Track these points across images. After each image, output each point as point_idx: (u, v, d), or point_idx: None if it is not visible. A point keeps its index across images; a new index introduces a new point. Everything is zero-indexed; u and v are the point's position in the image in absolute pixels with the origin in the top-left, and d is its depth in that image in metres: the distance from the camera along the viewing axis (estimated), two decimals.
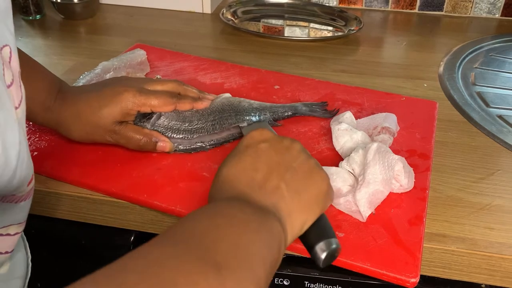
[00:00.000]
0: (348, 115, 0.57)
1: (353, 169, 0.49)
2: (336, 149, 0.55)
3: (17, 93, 0.35)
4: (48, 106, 0.52)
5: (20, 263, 0.44)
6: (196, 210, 0.33)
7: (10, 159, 0.32)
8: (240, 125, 0.58)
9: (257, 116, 0.59)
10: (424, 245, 0.45)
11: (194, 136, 0.55)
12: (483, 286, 0.48)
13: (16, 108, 0.34)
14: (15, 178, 0.34)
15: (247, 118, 0.58)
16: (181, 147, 0.55)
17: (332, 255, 0.36)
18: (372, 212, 0.46)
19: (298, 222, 0.36)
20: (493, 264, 0.45)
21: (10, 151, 0.32)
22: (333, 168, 0.49)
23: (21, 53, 0.51)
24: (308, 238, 0.37)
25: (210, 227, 0.30)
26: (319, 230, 0.37)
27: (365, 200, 0.45)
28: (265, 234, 0.32)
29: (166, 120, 0.55)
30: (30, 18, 0.96)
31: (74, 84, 0.67)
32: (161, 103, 0.54)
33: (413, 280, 0.41)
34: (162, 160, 0.54)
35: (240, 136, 0.57)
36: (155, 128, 0.55)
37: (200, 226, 0.30)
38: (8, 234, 0.38)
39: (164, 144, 0.54)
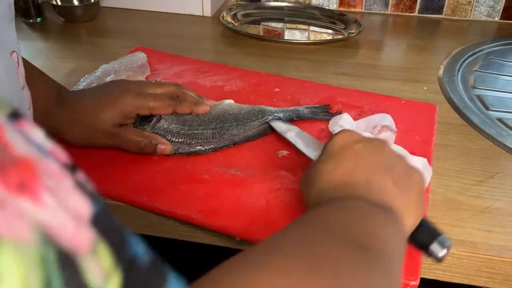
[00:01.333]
0: (346, 117, 0.58)
1: None
2: None
3: (28, 96, 0.36)
4: (47, 112, 0.52)
5: None
6: (318, 208, 0.34)
7: None
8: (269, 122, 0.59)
9: (260, 121, 0.59)
10: None
11: (193, 142, 0.55)
12: None
13: (29, 109, 0.36)
14: None
15: (248, 125, 0.58)
16: (180, 150, 0.55)
17: (448, 250, 0.38)
18: None
19: (412, 220, 0.37)
20: (493, 267, 0.45)
21: None
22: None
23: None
24: (421, 237, 0.38)
25: (346, 217, 0.31)
26: (429, 228, 0.39)
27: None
28: (394, 229, 0.33)
29: (166, 123, 0.55)
30: (31, 21, 0.96)
31: (74, 87, 0.67)
32: (160, 105, 0.54)
33: (413, 283, 0.41)
34: (162, 163, 0.54)
35: (241, 141, 0.57)
36: (155, 131, 0.55)
37: (338, 217, 0.31)
38: None
39: (164, 146, 0.54)
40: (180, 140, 0.55)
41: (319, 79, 0.74)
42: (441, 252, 0.37)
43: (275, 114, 0.60)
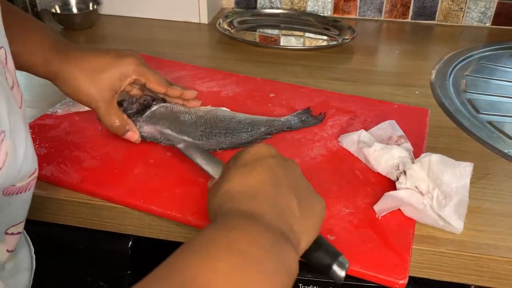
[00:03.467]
0: (364, 134, 0.57)
1: (416, 186, 0.48)
2: (378, 170, 0.53)
3: (18, 93, 0.36)
4: (48, 59, 0.52)
5: (25, 257, 0.45)
6: (205, 234, 0.31)
7: (19, 158, 0.34)
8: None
9: (248, 133, 0.60)
10: (414, 247, 0.46)
11: (180, 137, 0.57)
12: (472, 287, 0.49)
13: (20, 107, 0.36)
14: (20, 173, 0.35)
15: (236, 136, 0.59)
16: (165, 141, 0.57)
17: (346, 271, 0.38)
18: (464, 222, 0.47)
19: (306, 243, 0.37)
20: (481, 265, 0.46)
21: (19, 150, 0.34)
22: (402, 192, 0.48)
23: (16, 9, 0.52)
24: (319, 259, 0.38)
25: (221, 270, 0.28)
26: (327, 250, 0.39)
27: (454, 213, 0.46)
28: (281, 272, 0.31)
29: (159, 115, 0.58)
30: None
31: None
32: (158, 80, 0.56)
33: (401, 282, 0.42)
34: (159, 166, 0.55)
35: (228, 147, 0.58)
36: (146, 120, 0.57)
37: (209, 268, 0.28)
38: (12, 233, 0.39)
39: (132, 134, 0.56)
40: (169, 132, 0.57)
41: (314, 84, 0.76)
42: (342, 273, 0.38)
43: (262, 130, 0.61)
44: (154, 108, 0.59)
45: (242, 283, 0.28)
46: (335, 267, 0.38)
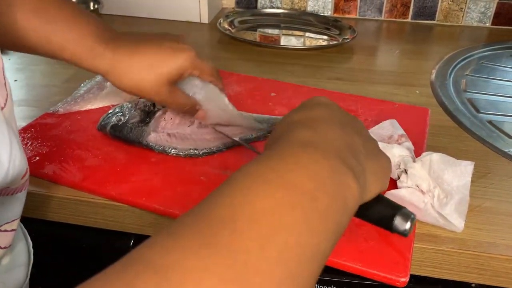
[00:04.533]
0: None
1: (417, 185, 0.48)
2: None
3: (2, 92, 0.34)
4: (97, 53, 0.48)
5: (22, 252, 0.45)
6: (248, 167, 0.27)
7: (2, 161, 0.33)
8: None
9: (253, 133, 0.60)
10: (415, 245, 0.46)
11: (186, 146, 0.57)
12: (473, 285, 0.50)
13: (2, 108, 0.34)
14: (8, 176, 0.34)
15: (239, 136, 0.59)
16: (173, 151, 0.56)
17: (413, 223, 0.37)
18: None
19: (371, 185, 0.33)
20: (482, 263, 0.46)
21: (1, 153, 0.32)
22: (403, 190, 0.48)
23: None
24: (381, 211, 0.37)
25: (268, 209, 0.24)
26: (389, 202, 0.37)
27: (454, 211, 0.46)
28: (337, 209, 0.27)
29: (167, 124, 0.57)
30: None
31: (75, 92, 0.68)
32: (211, 71, 0.54)
33: (403, 279, 0.42)
34: (160, 165, 0.55)
35: (233, 145, 0.58)
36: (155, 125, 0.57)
37: (259, 204, 0.24)
38: (5, 230, 0.39)
39: (202, 113, 0.56)
40: (173, 140, 0.57)
41: (314, 84, 0.76)
42: (406, 225, 0.36)
43: (265, 126, 0.61)
44: (158, 114, 0.58)
45: (289, 224, 0.24)
46: (398, 218, 0.36)
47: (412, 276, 0.43)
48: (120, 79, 0.49)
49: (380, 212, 0.37)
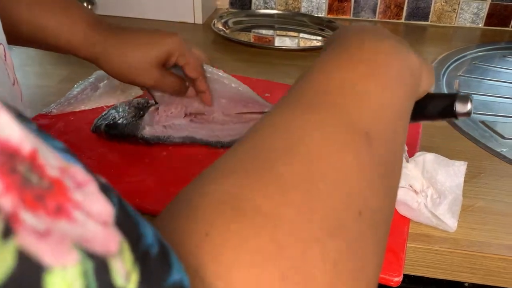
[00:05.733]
0: None
1: (410, 185, 0.49)
2: None
3: (18, 88, 0.35)
4: (89, 40, 0.50)
5: None
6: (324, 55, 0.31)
7: None
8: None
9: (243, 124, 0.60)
10: (408, 245, 0.46)
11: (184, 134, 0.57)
12: (466, 284, 0.50)
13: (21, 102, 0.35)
14: None
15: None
16: (167, 140, 0.57)
17: (472, 102, 0.39)
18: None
19: (425, 79, 0.36)
20: (474, 262, 0.46)
21: None
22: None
23: None
24: (439, 102, 0.39)
25: (350, 81, 0.28)
26: (442, 94, 0.41)
27: (448, 211, 0.47)
28: (407, 75, 0.32)
29: (162, 117, 0.58)
30: None
31: (68, 93, 0.68)
32: (196, 64, 0.55)
33: (396, 279, 0.42)
34: (154, 165, 0.55)
35: (230, 144, 0.58)
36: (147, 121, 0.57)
37: (340, 79, 0.28)
38: None
39: (192, 90, 0.57)
40: (169, 131, 0.57)
41: None
42: (467, 106, 0.38)
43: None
44: (152, 108, 0.59)
45: (371, 89, 0.28)
46: (458, 103, 0.38)
47: (405, 276, 0.43)
48: (112, 65, 0.51)
49: (438, 105, 0.39)
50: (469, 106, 0.39)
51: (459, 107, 0.38)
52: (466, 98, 0.39)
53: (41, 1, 0.48)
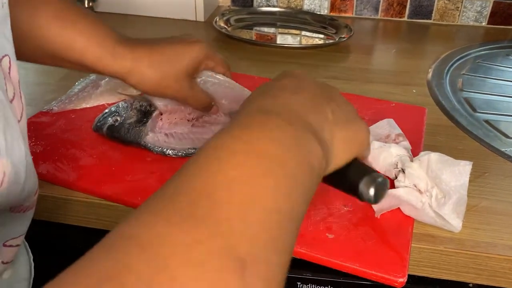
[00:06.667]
0: None
1: (415, 184, 0.48)
2: (376, 168, 0.53)
3: (18, 105, 0.34)
4: (118, 55, 0.50)
5: (23, 266, 0.45)
6: (214, 140, 0.27)
7: (20, 174, 0.32)
8: None
9: None
10: (413, 245, 0.46)
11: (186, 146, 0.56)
12: (470, 285, 0.49)
13: (19, 121, 0.34)
14: (24, 190, 0.34)
15: None
16: (171, 152, 0.55)
17: (380, 189, 0.34)
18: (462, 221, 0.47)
19: (340, 152, 0.33)
20: (479, 263, 0.46)
21: (19, 166, 0.32)
22: (401, 190, 0.47)
23: (76, 5, 0.51)
24: (349, 177, 0.35)
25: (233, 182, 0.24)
26: (359, 167, 0.35)
27: (452, 211, 0.46)
28: (305, 171, 0.27)
29: (165, 124, 0.57)
30: None
31: (69, 91, 0.68)
32: (224, 63, 0.56)
33: (401, 280, 0.42)
34: (156, 164, 0.55)
35: None
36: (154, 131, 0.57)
37: (221, 178, 0.24)
38: (11, 246, 0.38)
39: (216, 109, 0.58)
40: (171, 140, 0.56)
41: None
42: (370, 191, 0.33)
43: None
44: (155, 114, 0.57)
45: (264, 190, 0.24)
46: (362, 184, 0.34)
47: (410, 276, 0.43)
48: (143, 79, 0.50)
49: (348, 179, 0.35)
50: (371, 191, 0.34)
51: (363, 189, 0.34)
52: (372, 181, 0.34)
53: (69, 15, 0.48)
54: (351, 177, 0.35)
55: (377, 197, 0.35)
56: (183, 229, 0.21)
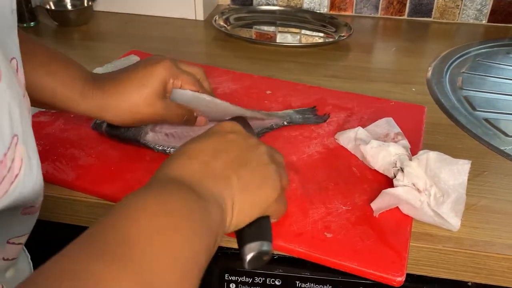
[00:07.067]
0: (361, 131, 0.56)
1: (413, 183, 0.48)
2: (375, 167, 0.53)
3: (27, 101, 0.35)
4: (87, 94, 0.51)
5: (24, 264, 0.45)
6: (135, 199, 0.32)
7: (33, 166, 0.33)
8: None
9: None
10: (411, 244, 0.46)
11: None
12: (469, 284, 0.49)
13: (28, 116, 0.35)
14: (36, 185, 0.35)
15: None
16: (172, 151, 0.56)
17: (259, 257, 0.36)
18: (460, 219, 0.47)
19: (241, 215, 0.37)
20: (478, 262, 0.46)
21: (32, 159, 0.33)
22: (399, 189, 0.47)
23: (46, 46, 0.52)
24: (242, 236, 0.37)
25: (147, 232, 0.29)
26: (255, 231, 0.38)
27: (451, 210, 0.46)
28: (207, 234, 0.32)
29: (163, 127, 0.57)
30: (25, 25, 0.97)
31: None
32: (190, 80, 0.55)
33: (399, 279, 0.42)
34: (155, 163, 0.54)
35: None
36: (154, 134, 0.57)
37: (138, 229, 0.29)
38: (13, 243, 0.39)
39: (201, 119, 0.58)
40: (171, 140, 0.56)
41: (310, 81, 0.75)
42: (249, 255, 0.36)
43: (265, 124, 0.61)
44: None
45: (174, 242, 0.29)
46: (246, 248, 0.36)
47: (408, 275, 0.43)
48: (117, 113, 0.52)
49: (241, 238, 0.38)
50: (248, 257, 0.36)
51: (242, 253, 0.36)
52: (251, 250, 0.36)
53: (41, 60, 0.49)
54: (243, 237, 0.38)
55: (252, 265, 0.37)
56: (106, 264, 0.25)
